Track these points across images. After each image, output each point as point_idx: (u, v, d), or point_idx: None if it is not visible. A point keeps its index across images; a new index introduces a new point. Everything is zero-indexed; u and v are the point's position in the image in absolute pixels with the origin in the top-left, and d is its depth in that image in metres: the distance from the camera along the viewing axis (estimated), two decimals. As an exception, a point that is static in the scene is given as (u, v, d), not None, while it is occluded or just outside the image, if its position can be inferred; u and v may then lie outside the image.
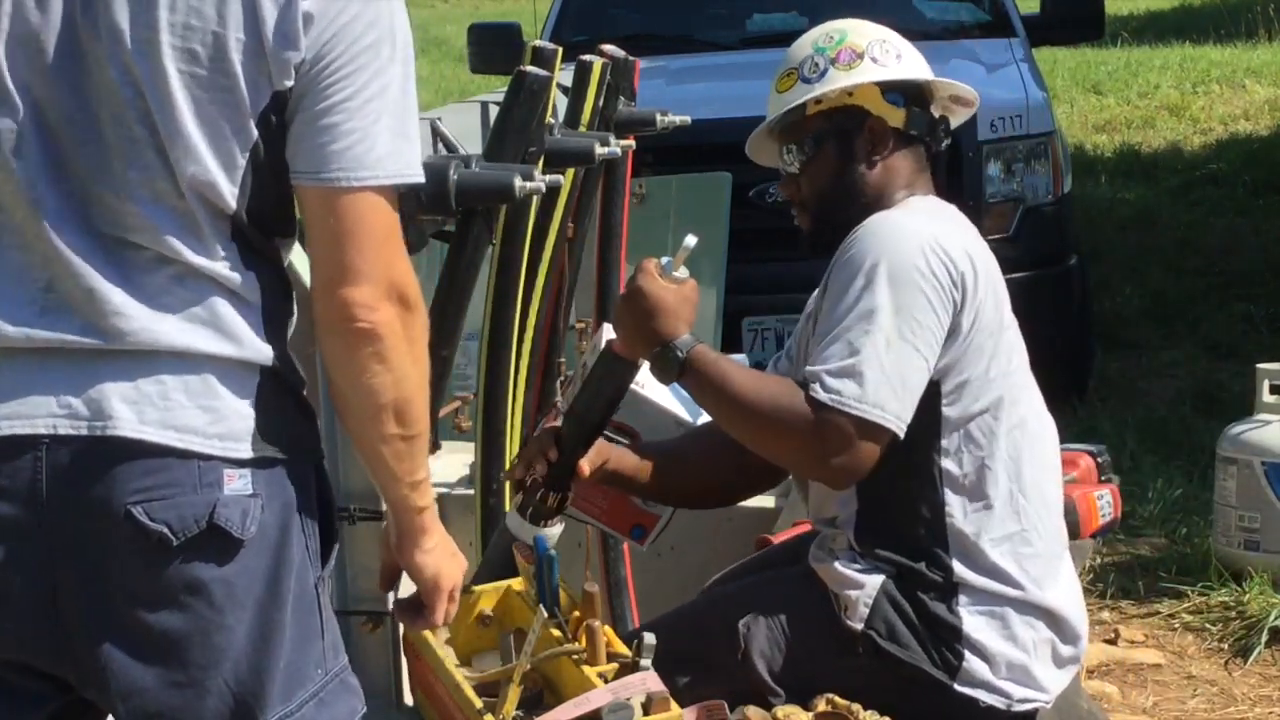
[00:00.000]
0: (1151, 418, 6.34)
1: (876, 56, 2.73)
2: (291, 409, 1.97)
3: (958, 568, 2.59)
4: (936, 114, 2.78)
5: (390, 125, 1.88)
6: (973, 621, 2.59)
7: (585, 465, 2.71)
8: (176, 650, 1.89)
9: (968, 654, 2.58)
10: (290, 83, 1.85)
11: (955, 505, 2.60)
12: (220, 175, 1.86)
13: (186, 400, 1.86)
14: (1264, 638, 4.24)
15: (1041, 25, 7.46)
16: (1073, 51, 13.25)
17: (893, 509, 2.62)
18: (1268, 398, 4.58)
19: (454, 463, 3.98)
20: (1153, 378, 7.01)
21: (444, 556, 2.11)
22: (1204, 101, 11.97)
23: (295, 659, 1.95)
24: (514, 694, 2.26)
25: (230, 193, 1.87)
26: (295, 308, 2.00)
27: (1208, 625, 4.38)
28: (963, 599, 2.59)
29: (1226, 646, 4.28)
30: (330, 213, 1.88)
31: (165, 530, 1.83)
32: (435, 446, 3.87)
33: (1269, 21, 14.07)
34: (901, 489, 2.60)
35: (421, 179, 1.94)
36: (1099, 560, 4.70)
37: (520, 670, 2.25)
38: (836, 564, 2.64)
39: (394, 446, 1.97)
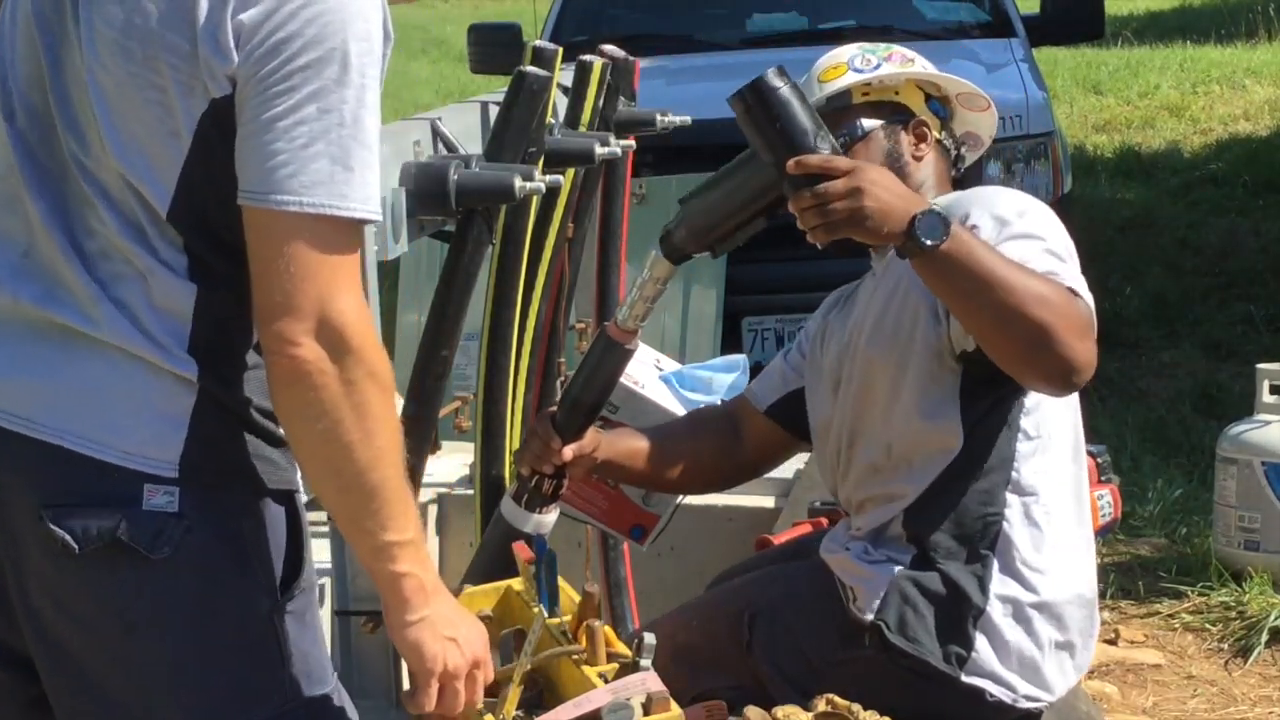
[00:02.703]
0: (1151, 418, 6.34)
1: (925, 66, 2.77)
2: (237, 438, 1.88)
3: (1005, 534, 2.56)
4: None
5: (327, 152, 1.76)
6: (995, 609, 2.55)
7: (569, 451, 2.68)
8: (86, 658, 1.86)
9: (980, 641, 2.54)
10: (225, 93, 1.79)
11: (1024, 460, 2.58)
12: (150, 177, 1.82)
13: (115, 407, 1.83)
14: (1264, 638, 4.24)
15: (1041, 25, 7.45)
16: (1073, 51, 13.22)
17: (965, 483, 2.58)
18: (1268, 398, 4.58)
19: (454, 463, 3.99)
20: (1153, 378, 7.00)
21: (430, 634, 1.91)
22: (1204, 101, 11.95)
23: (230, 685, 1.89)
24: (514, 694, 2.25)
25: (161, 197, 1.82)
26: (251, 337, 1.89)
27: (1208, 625, 4.37)
28: (994, 584, 2.56)
29: (1226, 646, 4.28)
30: (256, 236, 1.79)
31: (68, 538, 1.81)
32: (435, 446, 3.90)
33: (1269, 21, 14.05)
34: (980, 452, 2.58)
35: (365, 215, 1.79)
36: (1099, 560, 4.68)
37: (520, 670, 2.25)
38: (848, 555, 2.63)
39: (341, 500, 1.84)
